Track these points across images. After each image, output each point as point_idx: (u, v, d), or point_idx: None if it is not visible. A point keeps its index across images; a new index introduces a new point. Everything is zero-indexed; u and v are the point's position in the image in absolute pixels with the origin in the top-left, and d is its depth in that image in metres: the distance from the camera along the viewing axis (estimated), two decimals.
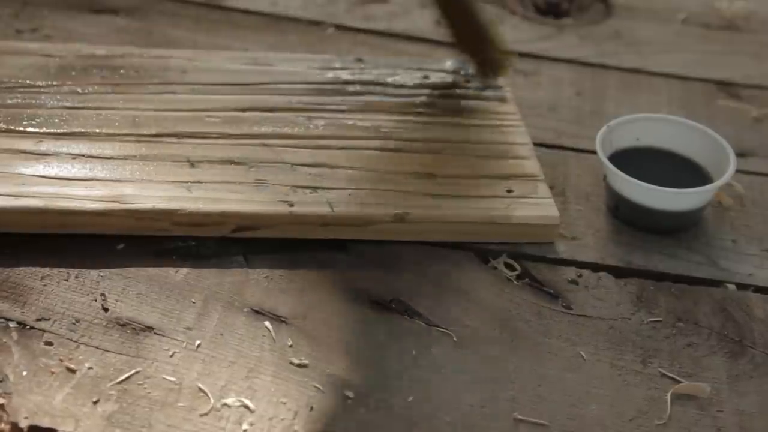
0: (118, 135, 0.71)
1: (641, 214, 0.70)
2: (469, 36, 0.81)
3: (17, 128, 0.71)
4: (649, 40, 0.94)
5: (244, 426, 0.56)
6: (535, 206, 0.69)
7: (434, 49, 0.91)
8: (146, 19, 0.90)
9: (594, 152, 0.72)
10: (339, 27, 0.92)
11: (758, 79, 0.89)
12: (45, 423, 0.55)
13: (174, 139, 0.72)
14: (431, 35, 0.92)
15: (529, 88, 0.86)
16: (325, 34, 0.91)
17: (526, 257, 0.69)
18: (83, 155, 0.69)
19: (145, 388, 0.57)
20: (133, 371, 0.58)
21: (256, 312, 0.63)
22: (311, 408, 0.57)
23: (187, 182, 0.68)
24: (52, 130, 0.71)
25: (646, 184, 0.69)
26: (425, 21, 0.94)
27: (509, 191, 0.70)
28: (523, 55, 0.90)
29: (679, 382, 0.61)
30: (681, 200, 0.70)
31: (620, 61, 0.90)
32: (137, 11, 0.91)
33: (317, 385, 0.59)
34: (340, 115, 0.76)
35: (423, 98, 0.78)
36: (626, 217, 0.71)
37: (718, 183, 0.70)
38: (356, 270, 0.66)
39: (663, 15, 0.98)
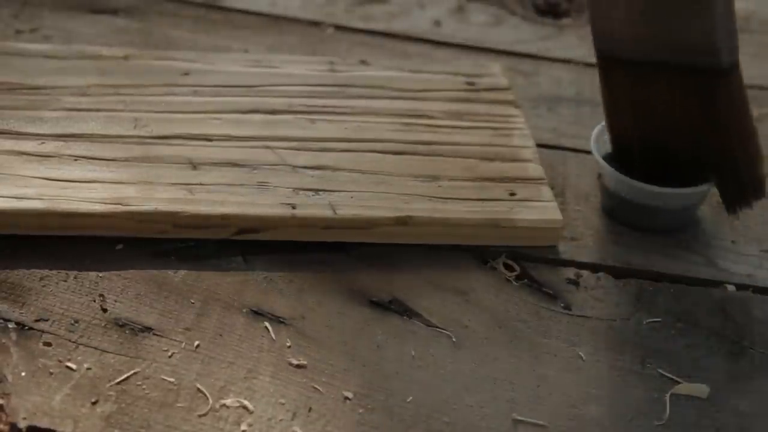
0: (120, 137, 0.71)
1: (636, 214, 0.70)
2: (734, 145, 0.65)
3: (19, 130, 0.71)
4: None
5: (243, 426, 0.56)
6: (538, 209, 0.69)
7: (434, 49, 0.91)
8: (146, 19, 0.91)
9: None
10: (338, 27, 0.92)
11: (758, 79, 0.89)
12: (44, 423, 0.55)
13: (176, 141, 0.72)
14: (431, 35, 0.92)
15: (528, 88, 0.86)
16: (324, 35, 0.91)
17: (525, 258, 0.69)
18: (85, 157, 0.69)
19: (143, 388, 0.57)
20: (132, 372, 0.58)
21: (255, 313, 0.63)
22: (310, 409, 0.57)
23: (189, 185, 0.68)
24: (53, 132, 0.71)
25: (638, 183, 0.69)
26: (425, 21, 0.94)
27: (512, 194, 0.70)
28: (522, 55, 0.90)
29: (678, 382, 0.61)
30: (674, 199, 0.70)
31: None
32: (137, 11, 0.92)
33: (316, 386, 0.59)
34: (342, 118, 0.76)
35: (426, 101, 0.78)
36: (623, 217, 0.71)
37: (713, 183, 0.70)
38: (355, 270, 0.66)
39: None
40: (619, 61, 0.66)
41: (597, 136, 0.72)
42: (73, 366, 0.58)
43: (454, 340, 0.63)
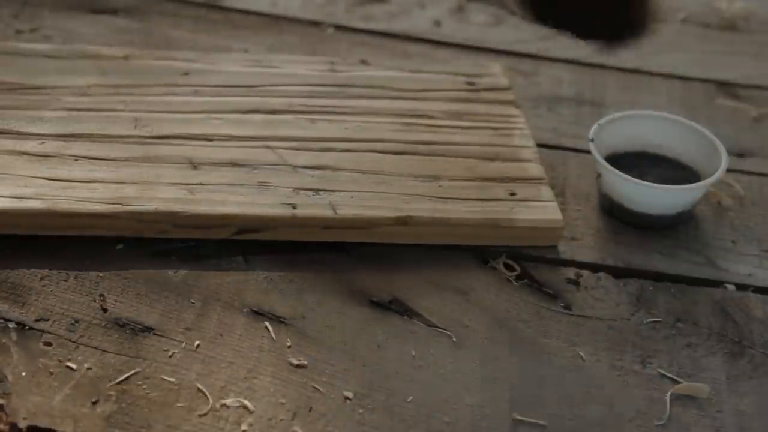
0: (121, 137, 0.71)
1: (633, 211, 0.70)
2: None
3: (19, 130, 0.71)
4: (649, 39, 0.94)
5: (243, 426, 0.56)
6: (538, 209, 0.69)
7: (434, 49, 0.91)
8: (146, 19, 0.91)
9: None
10: (338, 27, 0.92)
11: (758, 79, 0.89)
12: (44, 423, 0.55)
13: (176, 141, 0.72)
14: (431, 35, 0.92)
15: (528, 88, 0.86)
16: (324, 35, 0.91)
17: (525, 258, 0.69)
18: (85, 157, 0.69)
19: (144, 388, 0.57)
20: (132, 372, 0.58)
21: (256, 312, 0.63)
22: (310, 408, 0.57)
23: (190, 184, 0.68)
24: (54, 132, 0.71)
25: (637, 181, 0.69)
26: (425, 21, 0.94)
27: (512, 194, 0.70)
28: (523, 55, 0.90)
29: (679, 382, 0.61)
30: (666, 197, 0.70)
31: (620, 61, 0.90)
32: (137, 11, 0.91)
33: (316, 386, 0.59)
34: (343, 118, 0.76)
35: (426, 101, 0.78)
36: (620, 214, 0.71)
37: (708, 181, 0.70)
38: (355, 270, 0.66)
39: (663, 15, 0.98)
40: None
41: (595, 134, 0.72)
42: (74, 366, 0.58)
43: (454, 339, 0.63)
